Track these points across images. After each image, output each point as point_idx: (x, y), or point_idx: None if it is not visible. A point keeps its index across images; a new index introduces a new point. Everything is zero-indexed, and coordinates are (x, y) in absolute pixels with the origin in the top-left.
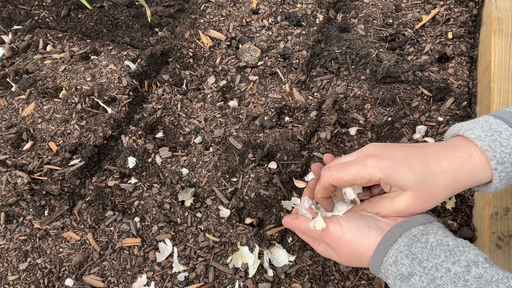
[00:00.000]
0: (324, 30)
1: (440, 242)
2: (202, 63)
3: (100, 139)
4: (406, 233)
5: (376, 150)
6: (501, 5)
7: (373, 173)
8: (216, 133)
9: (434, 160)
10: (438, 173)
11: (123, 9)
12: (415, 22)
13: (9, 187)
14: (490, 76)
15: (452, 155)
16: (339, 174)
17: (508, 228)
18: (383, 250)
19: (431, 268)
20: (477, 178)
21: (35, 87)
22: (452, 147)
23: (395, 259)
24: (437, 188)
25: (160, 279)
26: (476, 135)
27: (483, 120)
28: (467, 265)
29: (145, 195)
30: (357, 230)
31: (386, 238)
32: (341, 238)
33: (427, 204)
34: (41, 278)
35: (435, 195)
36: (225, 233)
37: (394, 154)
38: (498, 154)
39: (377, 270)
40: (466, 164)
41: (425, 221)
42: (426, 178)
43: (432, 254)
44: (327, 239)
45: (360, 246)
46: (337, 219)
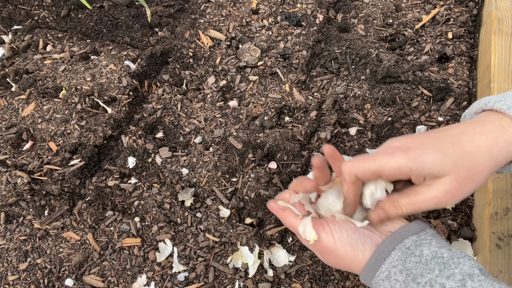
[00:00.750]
0: (324, 30)
1: (435, 255)
2: (202, 63)
3: (100, 139)
4: (399, 246)
5: (400, 142)
6: (501, 5)
7: (403, 163)
8: (216, 133)
9: (466, 139)
10: (473, 151)
11: (123, 9)
12: (415, 22)
13: (9, 187)
14: (490, 76)
15: (482, 130)
16: (364, 164)
17: (508, 228)
18: (376, 264)
19: (425, 284)
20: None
21: (35, 87)
22: (480, 123)
23: (387, 274)
24: (476, 166)
25: (160, 279)
26: (508, 105)
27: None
28: (462, 279)
29: (145, 195)
30: (351, 246)
31: (379, 251)
32: (332, 251)
33: (469, 186)
34: (41, 278)
35: (475, 175)
36: (225, 233)
37: (421, 142)
38: None
39: (368, 283)
40: (501, 137)
41: (418, 230)
42: (463, 158)
43: (426, 268)
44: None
45: (353, 262)
46: (329, 229)
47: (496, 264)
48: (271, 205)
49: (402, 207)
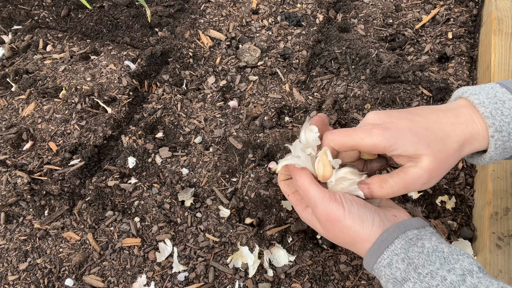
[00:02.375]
0: (324, 30)
1: (436, 248)
2: (202, 63)
3: (100, 139)
4: (403, 235)
5: (379, 119)
6: (501, 5)
7: (378, 141)
8: (216, 133)
9: (438, 127)
10: (444, 138)
11: (123, 9)
12: (415, 22)
13: (9, 187)
14: (490, 76)
15: (454, 121)
16: (342, 138)
17: (508, 228)
18: (379, 250)
19: (426, 275)
20: (476, 145)
21: (35, 87)
22: (455, 113)
23: (389, 261)
24: (447, 150)
25: (160, 279)
26: (480, 100)
27: (489, 87)
28: (462, 273)
29: (145, 195)
30: (360, 219)
31: (382, 238)
32: (339, 221)
33: (445, 166)
34: (41, 278)
35: (449, 157)
36: (225, 233)
37: (398, 123)
38: (498, 122)
39: (370, 268)
40: (468, 130)
41: (419, 226)
42: (435, 142)
43: (428, 260)
44: (322, 216)
45: (358, 236)
46: (340, 199)
47: (496, 264)
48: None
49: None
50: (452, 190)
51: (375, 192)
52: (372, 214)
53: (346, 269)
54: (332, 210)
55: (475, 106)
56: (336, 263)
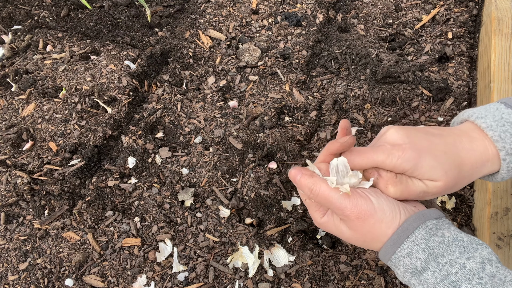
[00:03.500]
0: (324, 30)
1: (456, 238)
2: (202, 63)
3: (100, 139)
4: (423, 226)
5: (399, 139)
6: (501, 5)
7: (398, 163)
8: (216, 133)
9: (455, 152)
10: (460, 165)
11: (123, 9)
12: (415, 22)
13: (9, 187)
14: (490, 76)
15: (469, 147)
16: (362, 160)
17: (508, 228)
18: (399, 240)
19: (445, 264)
20: (486, 171)
21: (35, 87)
22: (469, 139)
23: (409, 251)
24: (460, 177)
25: (160, 279)
26: (487, 124)
27: (494, 108)
28: (482, 261)
29: (145, 195)
30: (390, 209)
31: (403, 228)
32: (371, 215)
33: (451, 189)
34: (41, 278)
35: (458, 183)
36: (225, 233)
37: (418, 144)
38: (508, 145)
39: (386, 259)
40: (481, 158)
41: (437, 216)
42: (452, 169)
43: (448, 249)
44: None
45: (389, 227)
46: (365, 194)
47: None
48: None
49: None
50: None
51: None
52: (398, 206)
53: (346, 269)
54: (363, 206)
55: (483, 130)
56: (336, 263)
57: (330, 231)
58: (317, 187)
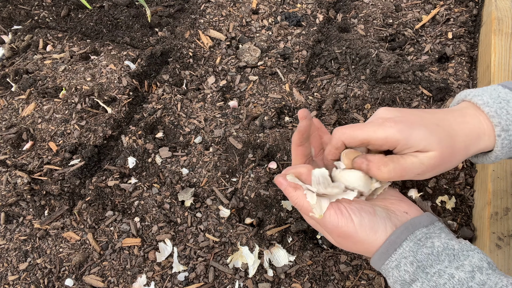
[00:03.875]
0: (324, 30)
1: (446, 246)
2: (202, 63)
3: (100, 139)
4: (411, 237)
5: (390, 114)
6: (501, 5)
7: (391, 133)
8: (216, 133)
9: (447, 124)
10: (453, 135)
11: (123, 9)
12: (415, 22)
13: (9, 187)
14: (490, 76)
15: (461, 120)
16: (353, 132)
17: (508, 228)
18: (386, 253)
19: (433, 274)
20: (482, 145)
21: (35, 87)
22: (461, 114)
23: (397, 263)
24: (455, 148)
25: (160, 279)
26: (484, 101)
27: (492, 88)
28: (471, 270)
29: (145, 195)
30: (373, 229)
31: (390, 241)
32: (351, 236)
33: (447, 164)
34: (41, 278)
35: (455, 154)
36: (225, 233)
37: (409, 117)
38: (504, 121)
39: (377, 268)
40: (475, 130)
41: (428, 223)
42: (446, 138)
43: (437, 260)
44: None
45: (372, 246)
46: (347, 212)
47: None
48: (279, 180)
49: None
50: (452, 190)
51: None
52: (383, 220)
53: (346, 269)
54: (343, 228)
55: (479, 107)
56: (336, 263)
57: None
58: (300, 201)
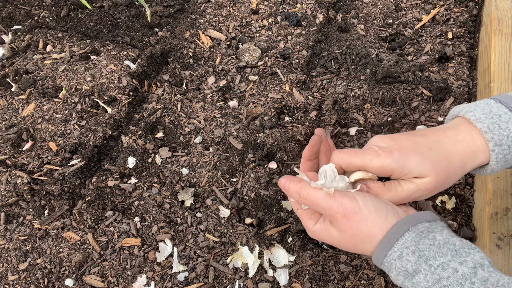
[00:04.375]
0: (324, 30)
1: (447, 241)
2: (202, 63)
3: (100, 139)
4: (413, 228)
5: (384, 142)
6: (501, 5)
7: (386, 163)
8: (216, 133)
9: (441, 146)
10: (447, 156)
11: (123, 9)
12: (415, 22)
13: (9, 187)
14: (490, 76)
15: (455, 139)
16: (351, 158)
17: (508, 228)
18: (389, 243)
19: (437, 267)
20: (479, 160)
21: (35, 87)
22: (454, 132)
23: (400, 254)
24: (450, 169)
25: (160, 279)
26: (476, 117)
27: (484, 103)
28: (474, 266)
29: (145, 195)
30: (375, 208)
31: (392, 231)
32: (355, 213)
33: (444, 185)
34: (41, 278)
35: (451, 176)
36: (225, 233)
37: (402, 145)
38: (496, 136)
39: (379, 262)
40: (469, 148)
41: (430, 219)
42: (440, 161)
43: (439, 252)
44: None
45: (375, 226)
46: (351, 194)
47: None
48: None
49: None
50: (452, 190)
51: None
52: (385, 205)
53: (346, 269)
54: (347, 204)
55: (472, 123)
56: (336, 263)
57: (323, 239)
58: (305, 190)
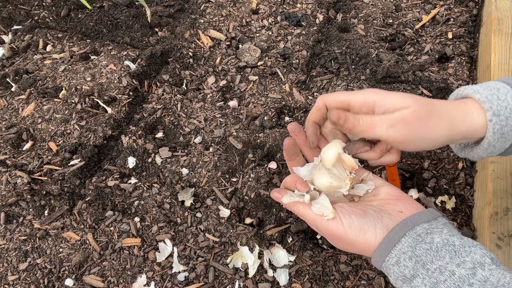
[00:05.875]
0: (324, 30)
1: (446, 242)
2: (202, 63)
3: (100, 139)
4: (410, 233)
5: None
6: (501, 5)
7: (368, 95)
8: (216, 133)
9: (428, 102)
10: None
11: (123, 9)
12: (415, 22)
13: (9, 187)
14: (490, 76)
15: (451, 107)
16: (334, 95)
17: (508, 228)
18: (386, 249)
19: (434, 271)
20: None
21: (35, 87)
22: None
23: (397, 259)
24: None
25: (160, 279)
26: (474, 89)
27: (484, 83)
28: (472, 267)
29: (145, 195)
30: (362, 231)
31: (388, 237)
32: (342, 239)
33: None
34: (41, 278)
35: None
36: (225, 233)
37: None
38: (495, 106)
39: (378, 266)
40: (460, 107)
41: (430, 218)
42: (423, 100)
43: (437, 255)
44: (327, 235)
45: (364, 246)
46: (338, 215)
47: None
48: (275, 195)
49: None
50: (452, 190)
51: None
52: (373, 222)
53: (346, 269)
54: (333, 229)
55: (471, 97)
56: (336, 263)
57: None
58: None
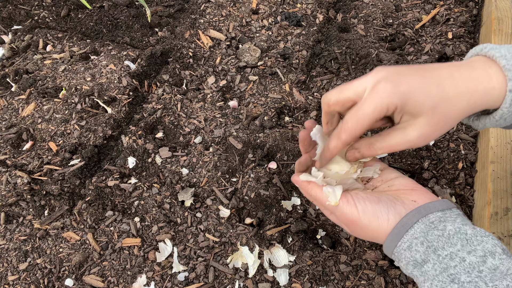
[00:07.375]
0: (324, 30)
1: (458, 231)
2: (202, 63)
3: (100, 139)
4: (423, 219)
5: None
6: (501, 5)
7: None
8: (216, 133)
9: (450, 83)
10: (454, 97)
11: (123, 9)
12: (415, 22)
13: (9, 187)
14: None
15: (468, 76)
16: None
17: (508, 228)
18: (398, 234)
19: (445, 257)
20: (490, 100)
21: (35, 87)
22: (469, 68)
23: (409, 244)
24: (452, 112)
25: (160, 279)
26: (502, 53)
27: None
28: (483, 255)
29: (145, 195)
30: (375, 216)
31: (402, 223)
32: (356, 222)
33: (441, 130)
34: (41, 278)
35: (449, 119)
36: (225, 233)
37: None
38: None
39: (390, 252)
40: (483, 85)
41: (444, 208)
42: (442, 102)
43: (448, 242)
44: (341, 219)
45: (377, 232)
46: (352, 200)
47: None
48: (295, 179)
49: (377, 149)
50: (452, 190)
51: (365, 153)
52: (387, 209)
53: (346, 269)
54: (347, 213)
55: (494, 60)
56: (336, 263)
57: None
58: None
